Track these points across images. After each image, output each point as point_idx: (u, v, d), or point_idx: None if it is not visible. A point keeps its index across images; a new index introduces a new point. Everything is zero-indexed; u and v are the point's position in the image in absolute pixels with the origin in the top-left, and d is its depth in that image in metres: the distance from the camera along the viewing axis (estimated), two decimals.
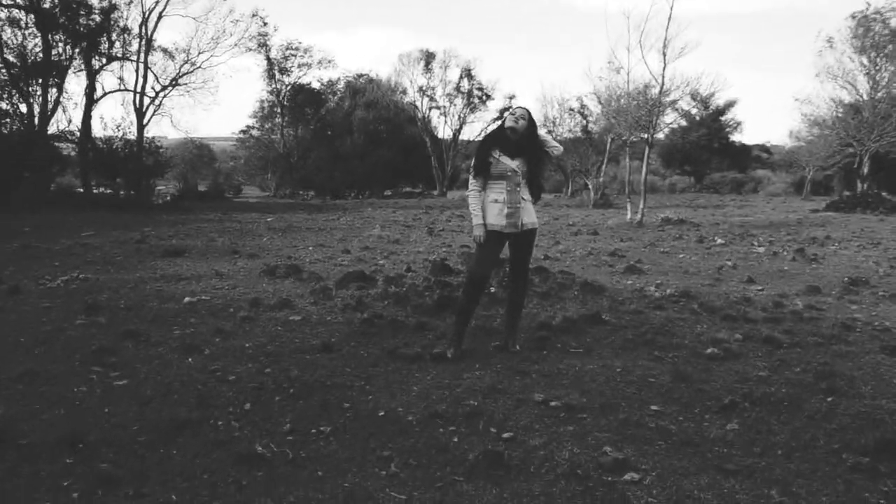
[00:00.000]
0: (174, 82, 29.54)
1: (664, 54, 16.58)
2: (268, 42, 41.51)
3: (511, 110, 5.18)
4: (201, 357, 5.06)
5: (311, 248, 11.63)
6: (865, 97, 26.44)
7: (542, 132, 5.38)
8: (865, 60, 27.16)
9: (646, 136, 19.67)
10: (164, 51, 29.86)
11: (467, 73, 46.64)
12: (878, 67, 26.42)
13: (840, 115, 34.46)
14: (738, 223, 19.05)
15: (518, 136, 5.09)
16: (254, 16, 36.70)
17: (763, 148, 65.65)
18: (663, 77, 16.71)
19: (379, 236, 13.79)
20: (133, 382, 4.48)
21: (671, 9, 17.78)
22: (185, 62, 29.81)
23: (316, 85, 46.74)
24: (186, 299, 6.98)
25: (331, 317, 6.38)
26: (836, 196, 45.74)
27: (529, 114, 5.18)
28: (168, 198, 29.76)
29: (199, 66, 30.22)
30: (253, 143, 47.74)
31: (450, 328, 5.80)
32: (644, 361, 5.19)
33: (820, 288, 8.40)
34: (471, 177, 5.25)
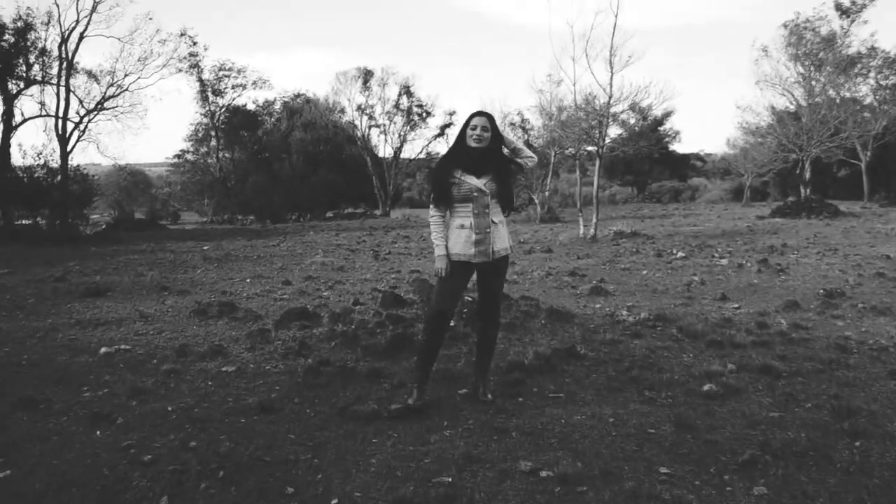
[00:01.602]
0: (99, 106, 28.00)
1: (611, 63, 16.20)
2: (199, 63, 40.16)
3: (471, 124, 4.39)
4: (113, 429, 4.16)
5: (248, 280, 10.70)
6: (803, 103, 26.71)
7: (511, 138, 4.65)
8: (800, 68, 27.52)
9: (592, 148, 19.30)
10: (88, 73, 28.33)
11: (406, 91, 45.98)
12: (811, 75, 26.76)
13: (774, 122, 34.99)
14: (690, 233, 18.75)
15: (482, 154, 4.38)
16: (182, 35, 35.34)
17: (697, 157, 66.79)
18: (611, 86, 16.33)
19: (322, 263, 12.91)
20: (19, 473, 3.57)
21: (616, 16, 17.48)
22: (111, 85, 28.31)
23: (251, 106, 45.48)
24: (103, 350, 6.03)
25: (270, 365, 5.53)
26: (773, 202, 46.57)
27: (492, 122, 4.44)
28: (100, 227, 28.24)
29: (126, 89, 28.74)
30: (188, 168, 46.07)
31: (410, 374, 5.04)
32: (636, 405, 4.50)
33: (798, 303, 7.90)
34: (431, 204, 4.51)
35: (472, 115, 4.42)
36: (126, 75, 28.86)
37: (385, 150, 48.48)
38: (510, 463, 3.54)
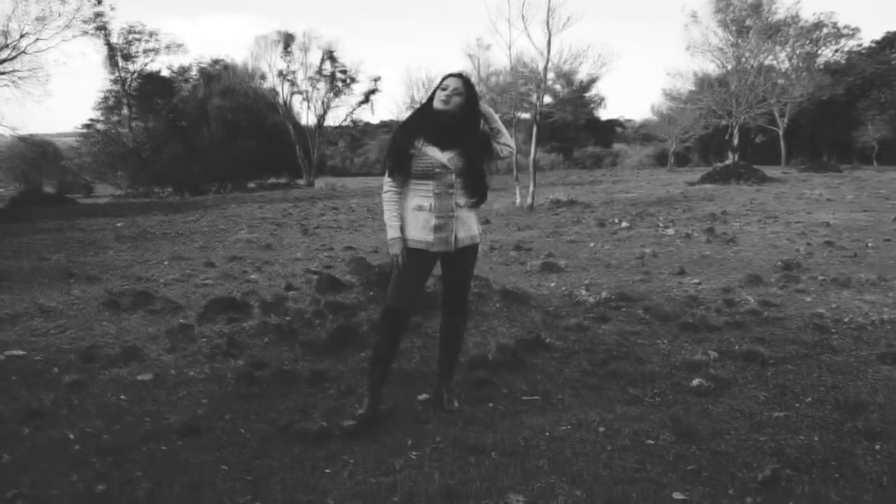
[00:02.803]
0: None
1: (549, 26, 15.61)
2: (106, 25, 37.66)
3: (442, 83, 3.70)
4: None
5: (166, 262, 9.74)
6: (733, 67, 26.84)
7: (493, 115, 3.95)
8: (729, 35, 27.62)
9: (524, 115, 18.82)
10: None
11: (329, 56, 44.35)
12: (739, 42, 26.89)
13: (698, 88, 35.27)
14: (627, 201, 18.52)
15: (451, 119, 3.68)
16: None
17: (618, 123, 67.51)
18: (549, 50, 15.76)
19: (247, 241, 12.01)
20: None
21: None
22: (5, 46, 26.05)
23: (166, 73, 43.14)
24: None
25: (195, 370, 4.75)
26: (694, 167, 47.40)
27: (469, 86, 3.72)
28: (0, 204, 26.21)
29: (23, 52, 26.51)
30: (99, 139, 43.42)
31: (360, 378, 4.37)
32: (623, 407, 3.96)
33: (759, 276, 7.57)
34: (385, 174, 3.79)
35: (446, 76, 3.73)
36: (22, 36, 26.62)
37: (308, 118, 46.93)
38: (498, 497, 2.93)
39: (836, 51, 44.10)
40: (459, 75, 3.72)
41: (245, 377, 4.47)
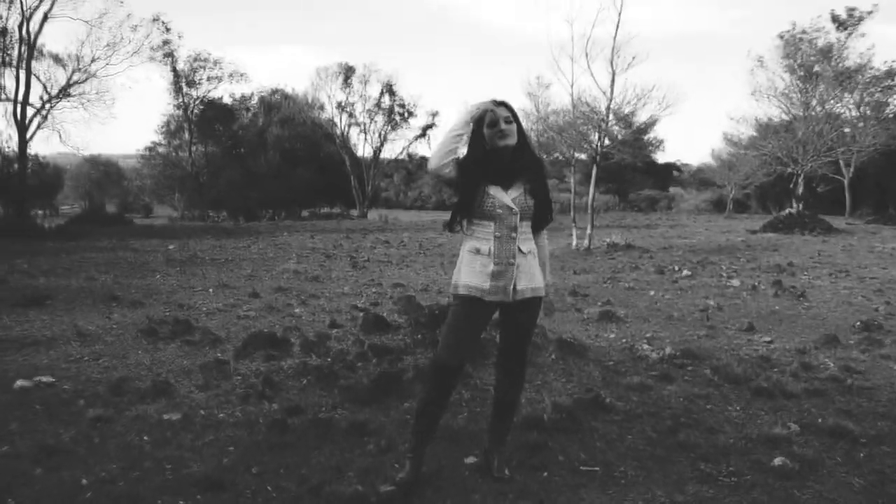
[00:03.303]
0: (64, 92, 26.52)
1: (613, 64, 15.25)
2: (173, 52, 38.65)
3: (487, 121, 3.26)
4: None
5: (211, 289, 9.56)
6: (801, 113, 26.04)
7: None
8: (796, 79, 26.87)
9: (581, 155, 18.43)
10: (53, 57, 26.84)
11: (388, 89, 44.75)
12: (808, 86, 26.12)
13: (758, 134, 34.38)
14: (686, 247, 17.87)
15: (510, 154, 3.31)
16: (154, 20, 33.68)
17: (674, 167, 66.51)
18: (612, 89, 15.38)
19: (295, 271, 11.80)
20: None
21: (620, 13, 15.90)
22: (77, 70, 26.81)
23: (227, 100, 44.02)
24: (19, 383, 4.89)
25: (225, 412, 4.43)
26: (753, 214, 46.20)
27: (513, 112, 3.34)
28: (61, 221, 26.78)
29: (93, 75, 27.25)
30: (159, 162, 44.43)
31: (403, 435, 3.98)
32: (695, 486, 3.49)
33: (837, 337, 6.96)
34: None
35: (482, 110, 3.27)
36: (93, 60, 27.39)
37: (364, 150, 47.28)
38: None
39: None
40: (502, 103, 3.32)
41: (278, 425, 4.13)
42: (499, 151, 3.28)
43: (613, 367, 5.70)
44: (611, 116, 15.77)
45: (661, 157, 61.16)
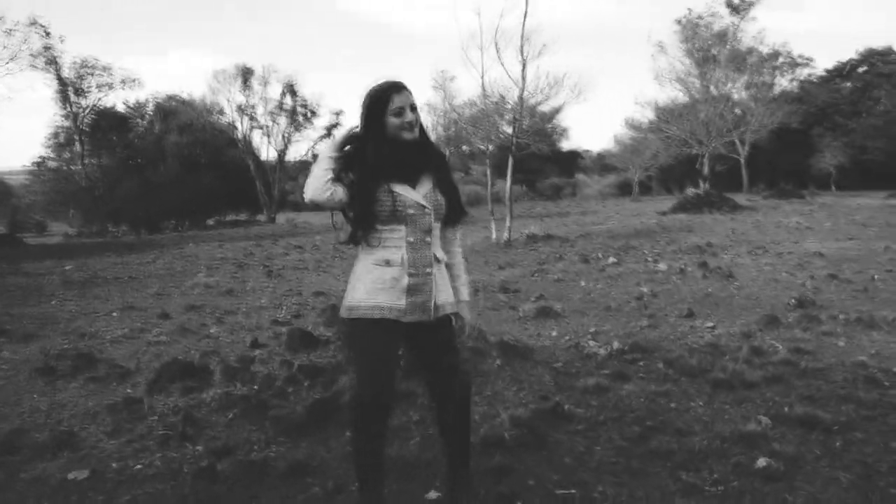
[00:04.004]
0: None
1: (523, 53, 15.05)
2: (57, 59, 36.38)
3: (393, 104, 2.72)
4: None
5: (115, 313, 8.74)
6: (700, 97, 26.74)
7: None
8: (695, 63, 27.59)
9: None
10: None
11: (290, 89, 43.58)
12: (706, 69, 26.85)
13: (654, 118, 35.28)
14: (604, 233, 17.93)
15: (417, 148, 2.82)
16: (32, 24, 31.52)
17: (578, 154, 67.84)
18: (524, 78, 15.19)
19: (206, 285, 11.05)
20: None
21: (527, 2, 15.57)
22: None
23: (121, 108, 41.89)
24: None
25: (142, 461, 3.84)
26: (655, 195, 47.52)
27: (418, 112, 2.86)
28: None
29: None
30: (50, 177, 41.78)
31: (352, 471, 3.49)
32: (682, 501, 3.18)
33: (777, 317, 6.91)
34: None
35: (387, 89, 2.74)
36: None
37: (268, 153, 45.97)
38: None
39: (792, 80, 44.83)
40: (402, 86, 2.77)
41: (205, 472, 3.58)
42: (401, 145, 2.75)
43: (563, 369, 5.39)
44: (523, 106, 15.55)
45: (564, 145, 62.24)
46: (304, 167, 56.16)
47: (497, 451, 3.76)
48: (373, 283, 2.75)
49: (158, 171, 40.74)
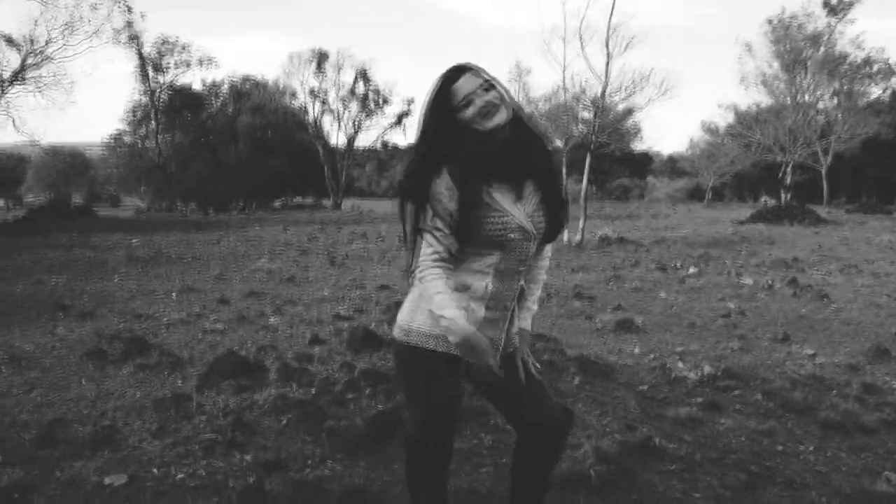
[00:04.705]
0: (18, 77, 24.97)
1: (608, 46, 14.41)
2: (139, 35, 37.06)
3: (462, 93, 2.07)
4: None
5: (174, 294, 8.55)
6: (788, 101, 25.49)
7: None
8: (784, 66, 26.31)
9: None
10: (6, 38, 25.21)
11: (363, 75, 43.49)
12: (795, 73, 25.57)
13: (733, 123, 33.89)
14: (679, 240, 17.13)
15: (504, 134, 2.11)
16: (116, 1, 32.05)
17: (647, 155, 66.31)
18: (607, 73, 14.55)
19: (268, 271, 10.81)
20: None
21: None
22: (31, 53, 25.20)
23: (197, 87, 42.48)
24: None
25: (185, 469, 3.48)
26: (728, 202, 45.92)
27: (489, 77, 2.12)
28: (18, 215, 25.36)
29: (49, 58, 25.66)
30: (125, 152, 42.66)
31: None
32: None
33: (887, 349, 6.19)
34: (426, 250, 2.13)
35: (446, 79, 2.11)
36: (48, 42, 25.81)
37: (338, 138, 46.04)
38: None
39: (886, 89, 42.61)
40: (466, 67, 2.12)
41: (252, 490, 3.20)
42: (487, 138, 2.09)
43: (649, 394, 4.85)
44: (606, 101, 14.90)
45: (637, 146, 60.87)
46: (370, 155, 56.34)
47: (579, 490, 3.27)
48: (443, 307, 2.09)
49: (229, 152, 41.27)
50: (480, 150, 2.09)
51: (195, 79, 55.74)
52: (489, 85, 2.08)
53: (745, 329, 7.01)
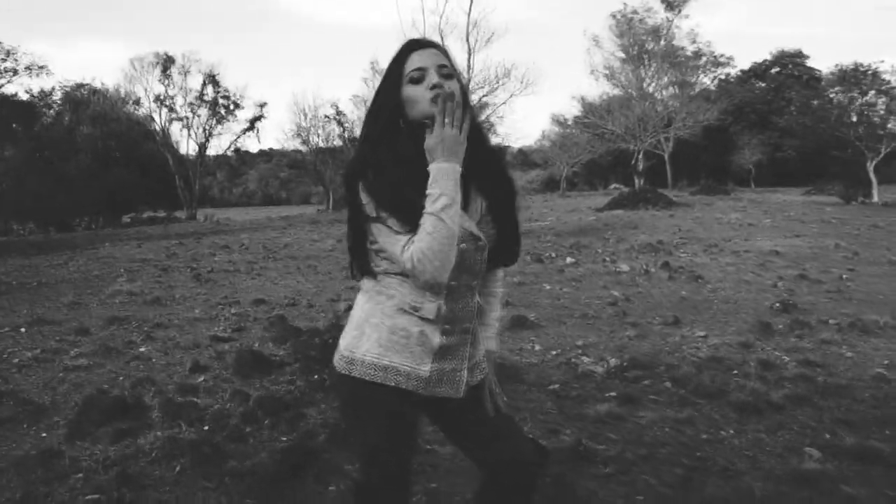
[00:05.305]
0: None
1: (468, 41, 14.40)
2: None
3: (410, 67, 1.79)
4: None
5: (23, 329, 7.61)
6: (635, 93, 26.70)
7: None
8: (629, 58, 27.56)
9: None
10: None
11: (211, 80, 41.74)
12: (640, 65, 26.84)
13: (579, 114, 35.30)
14: (545, 230, 17.46)
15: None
16: None
17: (503, 149, 68.13)
18: (470, 68, 14.52)
19: (129, 292, 9.93)
20: None
21: None
22: None
23: (25, 96, 39.11)
24: None
25: None
26: (582, 191, 47.85)
27: (451, 60, 1.86)
28: None
29: None
30: None
31: None
32: None
33: (768, 324, 6.45)
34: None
35: (401, 50, 1.84)
36: None
37: (188, 147, 43.98)
38: None
39: (714, 79, 45.84)
40: (427, 43, 1.87)
41: None
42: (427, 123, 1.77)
43: (562, 392, 4.73)
44: (478, 95, 14.89)
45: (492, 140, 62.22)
46: (221, 162, 54.16)
47: None
48: (390, 334, 1.85)
49: (69, 166, 38.34)
50: (415, 144, 1.77)
51: (22, 88, 51.32)
52: (447, 71, 1.80)
53: (635, 316, 7.10)
